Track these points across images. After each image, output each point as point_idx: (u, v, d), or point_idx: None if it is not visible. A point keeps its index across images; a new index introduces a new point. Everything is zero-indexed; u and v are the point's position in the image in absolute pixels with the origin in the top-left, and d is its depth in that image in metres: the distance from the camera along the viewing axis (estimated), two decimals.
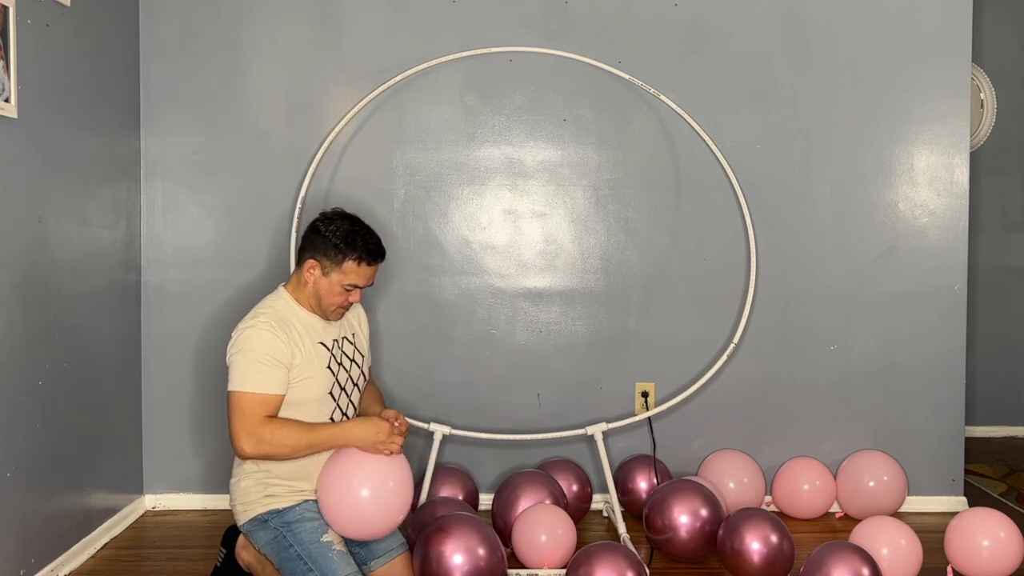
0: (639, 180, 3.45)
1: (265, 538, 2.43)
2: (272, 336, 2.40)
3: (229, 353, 2.44)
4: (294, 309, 2.52)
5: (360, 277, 2.51)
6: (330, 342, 2.55)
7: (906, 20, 3.42)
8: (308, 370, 2.46)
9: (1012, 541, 2.69)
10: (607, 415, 3.45)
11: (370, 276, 2.54)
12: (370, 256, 2.51)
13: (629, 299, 3.47)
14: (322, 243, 2.51)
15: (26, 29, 2.59)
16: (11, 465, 2.55)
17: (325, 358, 2.52)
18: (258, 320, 2.44)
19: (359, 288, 2.53)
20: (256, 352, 2.38)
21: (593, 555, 2.46)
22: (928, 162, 3.45)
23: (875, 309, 3.46)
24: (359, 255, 2.49)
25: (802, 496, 3.33)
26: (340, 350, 2.59)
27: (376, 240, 2.56)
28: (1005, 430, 4.69)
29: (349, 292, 2.52)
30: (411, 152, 3.43)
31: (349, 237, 2.50)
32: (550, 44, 3.37)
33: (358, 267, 2.50)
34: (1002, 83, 4.62)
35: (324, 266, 2.50)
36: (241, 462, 2.51)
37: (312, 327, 2.52)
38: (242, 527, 2.51)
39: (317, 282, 2.51)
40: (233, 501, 2.53)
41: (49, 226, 2.76)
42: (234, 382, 2.38)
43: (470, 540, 2.48)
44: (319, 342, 2.52)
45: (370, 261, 2.52)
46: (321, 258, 2.50)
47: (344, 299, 2.52)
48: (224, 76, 3.41)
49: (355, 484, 2.37)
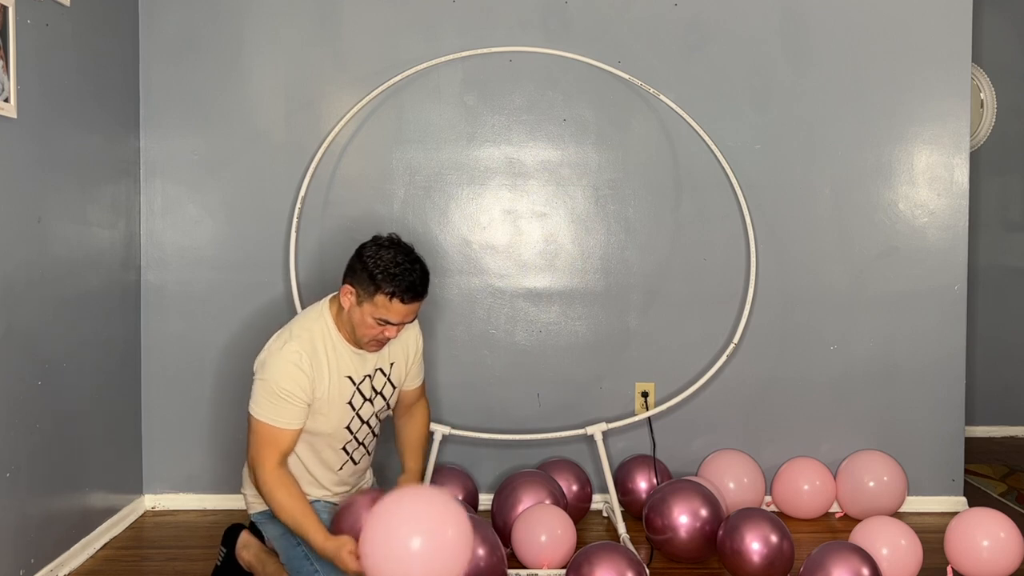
0: (639, 180, 3.45)
1: (274, 532, 2.45)
2: (297, 371, 2.33)
3: (256, 367, 2.41)
4: (331, 336, 2.43)
5: (393, 314, 2.35)
6: (359, 376, 2.47)
7: (906, 20, 3.42)
8: (327, 405, 2.42)
9: (1012, 541, 2.69)
10: (607, 415, 3.45)
11: (405, 314, 2.37)
12: (404, 294, 2.33)
13: (629, 299, 3.47)
14: (361, 269, 2.37)
15: (26, 29, 2.59)
16: (11, 465, 2.55)
17: (348, 393, 2.46)
18: (289, 347, 2.36)
19: (393, 325, 2.38)
20: (277, 385, 2.33)
21: (593, 555, 2.46)
22: (928, 162, 3.45)
23: (875, 309, 3.46)
24: (392, 291, 2.32)
25: (802, 496, 3.32)
26: (370, 384, 2.51)
27: (417, 277, 2.37)
28: (1005, 430, 4.69)
29: (383, 327, 2.38)
30: (411, 152, 3.43)
31: (388, 270, 2.33)
32: (550, 44, 3.37)
33: (390, 303, 2.33)
34: (1002, 83, 4.62)
35: (359, 295, 2.37)
36: None
37: (342, 358, 2.44)
38: (252, 516, 2.51)
39: (351, 310, 2.39)
40: (245, 490, 2.54)
41: (49, 226, 2.76)
42: (253, 405, 2.37)
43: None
44: (347, 376, 2.45)
45: (404, 299, 2.34)
46: (357, 286, 2.38)
47: (378, 332, 2.38)
48: (224, 76, 3.41)
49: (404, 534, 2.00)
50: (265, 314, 3.38)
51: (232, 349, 3.41)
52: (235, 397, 3.42)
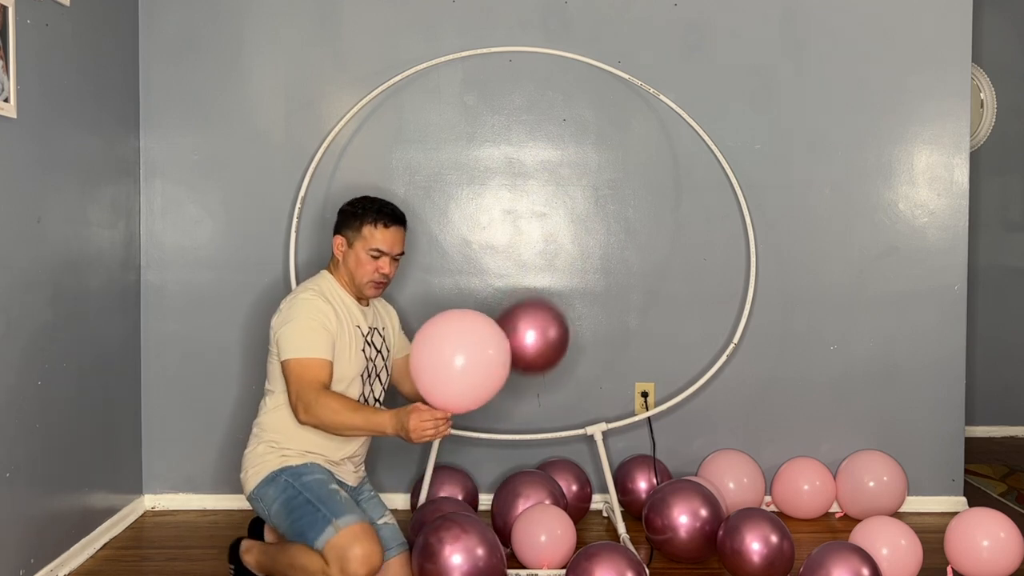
0: (639, 180, 3.45)
1: (274, 494, 2.48)
2: (320, 301, 2.52)
3: (275, 326, 2.53)
4: (336, 289, 2.63)
5: (382, 241, 2.59)
6: (365, 328, 2.65)
7: (906, 20, 3.42)
8: (347, 350, 2.55)
9: (1012, 541, 2.69)
10: (607, 415, 3.45)
11: (392, 241, 2.61)
12: (387, 218, 2.60)
13: (629, 299, 3.47)
14: (342, 217, 2.66)
15: (26, 29, 2.59)
16: (10, 465, 2.55)
17: (360, 341, 2.61)
18: (306, 293, 2.55)
19: (386, 255, 2.60)
20: (307, 319, 2.48)
21: (593, 555, 2.46)
22: (928, 162, 3.45)
23: (875, 309, 3.46)
24: (374, 217, 2.59)
25: (802, 496, 3.32)
26: (372, 339, 2.68)
27: (392, 206, 2.66)
28: (1005, 430, 4.69)
29: (377, 260, 2.59)
30: (411, 152, 3.43)
31: (366, 206, 2.63)
32: (550, 44, 3.37)
33: (375, 229, 2.59)
34: (1002, 83, 4.62)
35: (348, 238, 2.62)
36: (257, 432, 2.59)
37: (351, 309, 2.62)
38: (251, 495, 2.53)
39: (346, 257, 2.62)
40: (245, 469, 2.57)
41: (49, 226, 2.76)
42: (287, 350, 2.47)
43: (469, 540, 2.48)
44: (356, 324, 2.62)
45: (387, 222, 2.60)
46: (344, 231, 2.64)
47: (374, 268, 2.59)
48: (224, 76, 3.41)
49: (448, 351, 2.37)
50: (265, 314, 3.37)
51: (232, 349, 3.41)
52: (235, 397, 3.42)
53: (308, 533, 2.36)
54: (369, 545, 2.31)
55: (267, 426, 2.57)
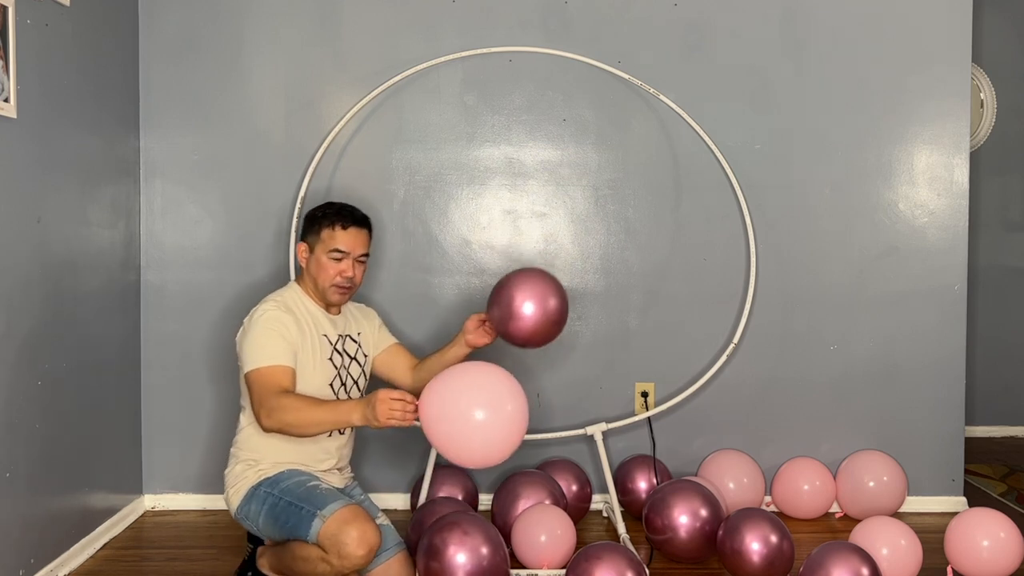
0: (639, 180, 3.45)
1: (257, 507, 2.48)
2: (280, 313, 2.49)
3: (238, 341, 2.52)
4: (302, 299, 2.60)
5: (342, 241, 2.55)
6: (334, 336, 2.61)
7: (906, 20, 3.42)
8: (311, 359, 2.52)
9: (1012, 541, 2.69)
10: (607, 415, 3.45)
11: (353, 242, 2.57)
12: (345, 220, 2.56)
13: (629, 299, 3.47)
14: (305, 224, 2.64)
15: (26, 29, 2.59)
16: (10, 465, 2.55)
17: (328, 350, 2.58)
18: (265, 305, 2.54)
19: (347, 256, 2.56)
20: (264, 330, 2.46)
21: (593, 555, 2.46)
22: (928, 162, 3.45)
23: (875, 309, 3.46)
24: (333, 219, 2.56)
25: (802, 496, 3.32)
26: (343, 346, 2.64)
27: (353, 208, 2.62)
28: (1005, 430, 4.69)
29: (339, 262, 2.55)
30: (411, 152, 3.43)
31: (324, 207, 2.62)
32: (550, 44, 3.37)
33: (334, 231, 2.55)
34: (1002, 83, 4.62)
35: (310, 244, 2.60)
36: (235, 451, 2.59)
37: (317, 318, 2.59)
38: (236, 514, 2.54)
39: (309, 263, 2.60)
40: (226, 489, 2.58)
41: (49, 226, 2.76)
42: (248, 363, 2.45)
43: (474, 539, 2.48)
44: (323, 334, 2.58)
45: (345, 223, 2.56)
46: (307, 237, 2.63)
47: (336, 272, 2.55)
48: (224, 76, 3.40)
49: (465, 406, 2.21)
50: None
51: (232, 349, 3.39)
52: (235, 397, 3.41)
53: (299, 532, 2.35)
54: (362, 524, 2.29)
55: (243, 444, 2.58)
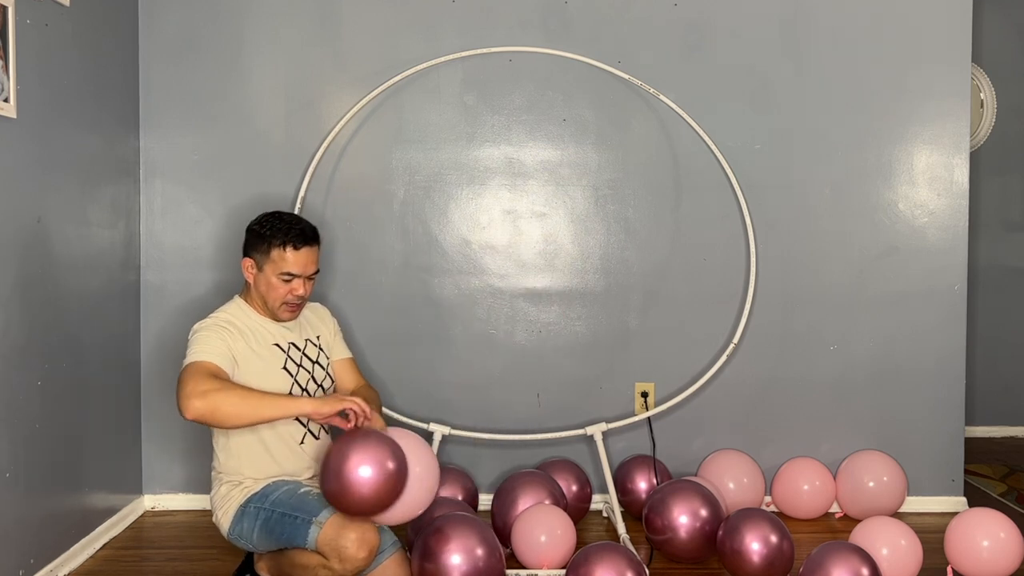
0: (639, 180, 3.45)
1: (249, 525, 2.45)
2: (216, 324, 2.45)
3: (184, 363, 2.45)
4: (246, 313, 2.54)
5: (293, 264, 2.47)
6: (286, 344, 2.56)
7: (906, 20, 3.41)
8: (264, 370, 2.47)
9: (1012, 541, 2.69)
10: (607, 415, 3.45)
11: (305, 263, 2.49)
12: (296, 240, 2.47)
13: (629, 299, 3.47)
14: (251, 238, 2.53)
15: (25, 29, 2.59)
16: (10, 465, 2.55)
17: (280, 359, 2.52)
18: (204, 322, 2.49)
19: (297, 277, 2.49)
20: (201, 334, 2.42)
21: (593, 555, 2.46)
22: (928, 162, 3.45)
23: (875, 309, 3.46)
24: (282, 239, 2.46)
25: (802, 496, 3.32)
26: (300, 352, 2.59)
27: (304, 225, 2.51)
28: (1005, 430, 4.69)
29: (289, 283, 2.48)
30: (411, 152, 3.43)
31: (274, 225, 2.49)
32: (550, 44, 3.37)
33: (284, 252, 2.46)
34: (1002, 83, 4.62)
35: (257, 261, 2.51)
36: (216, 475, 2.57)
37: (265, 329, 2.53)
38: (229, 535, 2.52)
39: (257, 281, 2.52)
40: (214, 512, 2.56)
41: (49, 226, 2.76)
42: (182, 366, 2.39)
43: (469, 540, 2.48)
44: (274, 344, 2.53)
45: (297, 244, 2.47)
46: (252, 253, 2.52)
47: (287, 291, 2.49)
48: (224, 76, 3.40)
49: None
50: None
51: None
52: None
53: (296, 541, 2.33)
54: (360, 526, 2.26)
55: (223, 466, 2.55)
